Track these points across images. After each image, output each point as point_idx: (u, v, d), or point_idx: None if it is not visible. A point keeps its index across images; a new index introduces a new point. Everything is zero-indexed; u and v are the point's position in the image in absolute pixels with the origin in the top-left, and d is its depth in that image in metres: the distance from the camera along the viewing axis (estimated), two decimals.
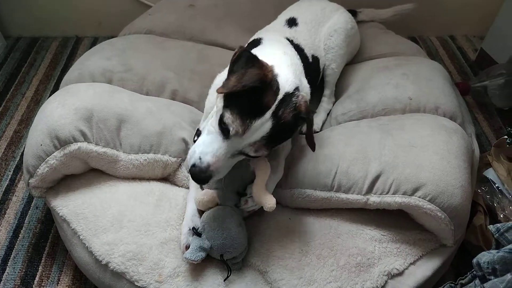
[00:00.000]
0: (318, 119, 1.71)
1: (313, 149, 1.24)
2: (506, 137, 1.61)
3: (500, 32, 2.39)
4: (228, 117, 1.09)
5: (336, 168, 1.35)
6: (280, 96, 1.12)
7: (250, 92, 1.09)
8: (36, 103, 2.26)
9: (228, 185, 1.27)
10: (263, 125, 1.10)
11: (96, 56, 1.78)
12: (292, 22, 1.70)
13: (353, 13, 2.10)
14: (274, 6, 1.93)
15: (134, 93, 1.64)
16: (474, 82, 2.22)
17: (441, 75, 1.73)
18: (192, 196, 1.33)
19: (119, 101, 1.51)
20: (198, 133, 1.40)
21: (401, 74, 1.70)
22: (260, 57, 1.17)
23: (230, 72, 1.15)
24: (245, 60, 1.13)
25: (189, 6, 2.20)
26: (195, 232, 1.23)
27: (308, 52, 1.64)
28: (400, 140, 1.39)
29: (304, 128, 1.64)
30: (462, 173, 1.32)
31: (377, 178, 1.31)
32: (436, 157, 1.32)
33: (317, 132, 1.65)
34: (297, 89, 1.18)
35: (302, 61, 1.50)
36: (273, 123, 1.11)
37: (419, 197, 1.26)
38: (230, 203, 1.27)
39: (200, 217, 1.28)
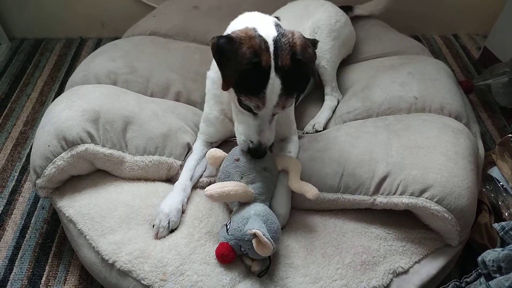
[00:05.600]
0: (321, 118, 1.70)
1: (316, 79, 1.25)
2: (510, 135, 1.61)
3: (503, 31, 2.39)
4: (245, 100, 1.16)
5: (342, 169, 1.36)
6: (271, 48, 1.12)
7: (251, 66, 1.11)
8: (41, 104, 2.28)
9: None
10: (274, 85, 1.12)
11: (101, 57, 1.79)
12: None
13: (349, 8, 2.12)
14: (277, 7, 1.94)
15: (140, 95, 1.65)
16: (478, 80, 2.23)
17: (446, 74, 1.73)
18: (182, 186, 1.37)
19: (125, 103, 1.52)
20: None
21: (407, 73, 1.71)
22: (234, 27, 1.20)
23: (220, 65, 1.15)
24: (225, 45, 1.12)
25: (193, 7, 2.21)
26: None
27: None
28: (407, 141, 1.40)
29: (308, 128, 1.67)
30: (468, 175, 1.32)
31: (384, 179, 1.32)
32: (443, 158, 1.33)
33: (319, 131, 1.65)
34: (279, 26, 1.19)
35: None
36: (281, 77, 1.12)
37: (427, 198, 1.26)
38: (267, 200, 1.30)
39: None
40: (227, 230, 1.23)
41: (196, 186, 1.46)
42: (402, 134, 1.43)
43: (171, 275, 1.20)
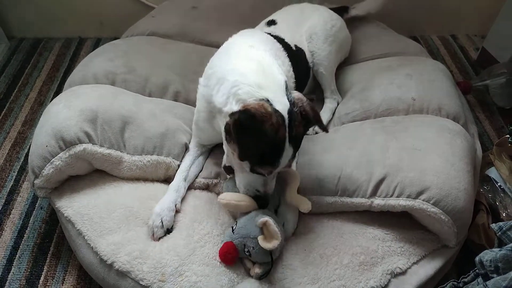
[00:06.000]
0: (322, 119, 1.70)
1: (327, 131, 1.28)
2: (508, 136, 1.62)
3: (501, 31, 2.39)
4: (260, 170, 1.18)
5: (340, 172, 1.37)
6: (286, 121, 1.12)
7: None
8: (40, 104, 2.28)
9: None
10: (288, 154, 1.14)
11: (100, 57, 1.79)
12: (271, 23, 1.78)
13: (345, 9, 2.10)
14: (274, 8, 1.94)
15: (138, 95, 1.65)
16: (476, 81, 2.23)
17: (444, 75, 1.74)
18: (175, 187, 1.38)
19: (123, 103, 1.52)
20: (226, 169, 1.36)
21: (405, 75, 1.71)
22: (245, 76, 1.17)
23: (240, 141, 1.13)
24: (247, 123, 1.09)
25: (192, 8, 2.22)
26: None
27: (290, 42, 1.66)
28: (404, 142, 1.40)
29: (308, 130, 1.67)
30: (465, 176, 1.33)
31: (381, 181, 1.32)
32: (440, 160, 1.33)
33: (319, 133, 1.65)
34: (286, 88, 1.20)
35: (286, 48, 1.55)
36: (293, 145, 1.14)
37: (423, 200, 1.27)
38: (272, 207, 1.31)
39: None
40: (233, 230, 1.25)
41: (194, 187, 1.47)
42: (399, 136, 1.43)
43: (170, 276, 1.20)
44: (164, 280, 1.20)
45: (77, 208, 1.37)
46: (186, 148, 1.52)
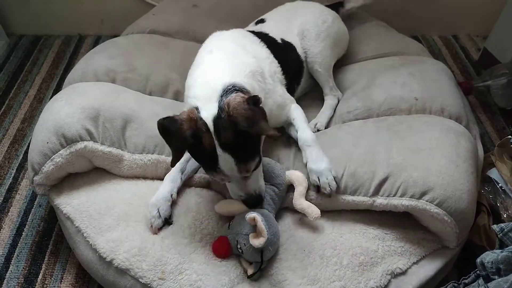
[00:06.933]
0: (323, 117, 1.69)
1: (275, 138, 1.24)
2: (509, 137, 1.61)
3: (503, 32, 2.38)
4: (211, 176, 1.22)
5: (343, 169, 1.35)
6: (212, 129, 1.12)
7: (196, 146, 1.13)
8: (39, 101, 2.27)
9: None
10: (226, 160, 1.13)
11: (100, 55, 1.78)
12: (259, 21, 1.81)
13: (340, 4, 2.09)
14: (275, 7, 1.93)
15: (139, 93, 1.65)
16: (477, 81, 2.22)
17: (446, 75, 1.73)
18: (171, 178, 1.38)
19: (125, 101, 1.52)
20: None
21: (408, 74, 1.70)
22: (190, 90, 1.25)
23: (167, 143, 1.20)
24: (168, 125, 1.15)
25: (193, 6, 2.21)
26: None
27: (276, 36, 1.67)
28: (409, 142, 1.39)
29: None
30: (469, 178, 1.32)
31: (384, 180, 1.31)
32: (444, 161, 1.32)
33: (320, 130, 1.65)
34: (230, 90, 1.17)
35: (267, 41, 1.58)
36: (230, 151, 1.12)
37: (427, 201, 1.26)
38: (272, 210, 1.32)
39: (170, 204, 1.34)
40: (229, 226, 1.26)
41: (195, 184, 1.46)
42: (403, 135, 1.42)
43: (169, 273, 1.20)
44: (164, 278, 1.20)
45: (76, 205, 1.37)
46: None
